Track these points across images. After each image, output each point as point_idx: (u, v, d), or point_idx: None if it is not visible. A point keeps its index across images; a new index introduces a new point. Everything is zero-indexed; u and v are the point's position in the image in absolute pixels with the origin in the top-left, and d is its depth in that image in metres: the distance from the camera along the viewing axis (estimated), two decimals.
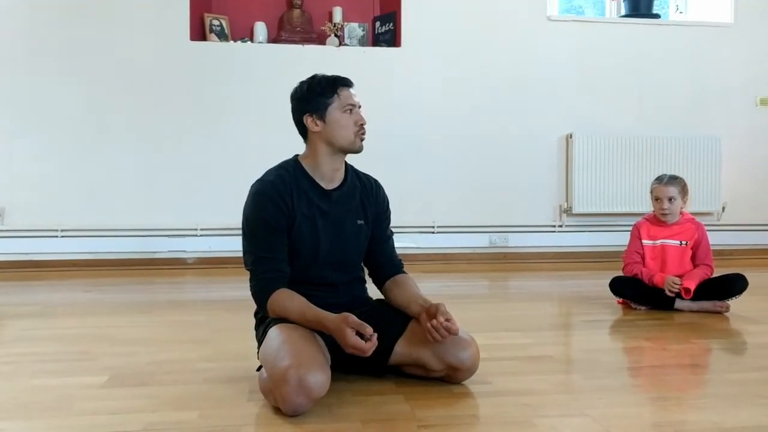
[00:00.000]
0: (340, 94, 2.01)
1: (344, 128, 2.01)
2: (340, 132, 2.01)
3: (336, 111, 2.00)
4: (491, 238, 5.14)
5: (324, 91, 2.01)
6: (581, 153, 5.13)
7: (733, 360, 2.42)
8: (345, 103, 2.01)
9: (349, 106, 2.01)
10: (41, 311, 3.31)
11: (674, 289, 3.15)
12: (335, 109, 2.00)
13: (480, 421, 1.75)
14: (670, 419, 1.77)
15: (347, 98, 2.01)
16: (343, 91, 2.01)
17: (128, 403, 1.88)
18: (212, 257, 4.79)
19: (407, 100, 5.02)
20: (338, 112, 2.01)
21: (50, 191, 4.71)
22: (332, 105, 2.00)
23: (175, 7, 4.78)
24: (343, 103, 2.00)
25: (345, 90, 2.02)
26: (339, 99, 2.00)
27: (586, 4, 6.01)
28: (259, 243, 2.01)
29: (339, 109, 2.01)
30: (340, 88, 2.01)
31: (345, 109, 2.01)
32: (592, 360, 2.40)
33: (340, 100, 2.00)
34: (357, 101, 2.04)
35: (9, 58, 4.66)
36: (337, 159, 2.06)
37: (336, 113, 2.01)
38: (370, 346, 1.81)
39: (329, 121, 2.01)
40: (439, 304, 1.95)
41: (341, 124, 2.01)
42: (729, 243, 5.21)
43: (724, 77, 5.36)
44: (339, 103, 2.00)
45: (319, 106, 2.01)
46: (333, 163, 2.05)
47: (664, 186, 3.26)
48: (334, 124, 2.01)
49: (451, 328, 1.90)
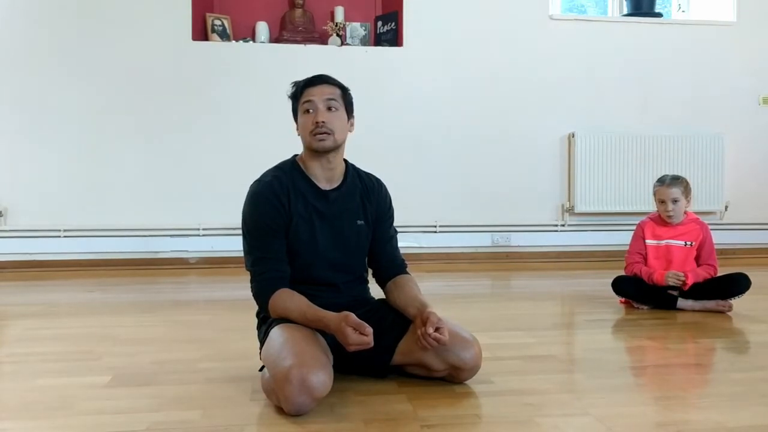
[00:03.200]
0: (303, 95, 2.01)
1: (304, 129, 2.01)
2: (302, 133, 2.03)
3: (301, 113, 2.02)
4: (493, 238, 5.14)
5: (296, 94, 2.04)
6: (583, 152, 5.13)
7: (736, 359, 2.42)
8: (303, 101, 2.01)
9: (306, 105, 2.00)
10: (44, 311, 3.32)
11: (677, 282, 3.14)
12: (301, 111, 2.02)
13: (482, 421, 1.75)
14: (673, 419, 1.76)
15: (305, 97, 2.00)
16: (305, 92, 2.01)
17: (131, 402, 1.88)
18: (215, 257, 4.79)
19: (409, 99, 5.01)
20: (301, 114, 2.02)
21: (53, 191, 4.72)
22: (299, 108, 2.03)
23: (177, 7, 4.78)
24: (302, 104, 2.01)
25: (307, 90, 2.01)
26: (301, 101, 2.01)
27: (589, 3, 6.00)
28: (258, 244, 2.01)
29: (301, 111, 2.02)
30: (307, 88, 2.01)
31: (304, 110, 2.01)
32: (594, 359, 2.39)
33: (301, 101, 2.01)
34: (318, 98, 1.98)
35: (11, 58, 4.67)
36: (321, 159, 2.04)
37: (300, 115, 2.02)
38: (370, 339, 1.81)
39: (299, 124, 2.04)
40: (431, 313, 1.92)
41: (302, 125, 2.02)
42: (732, 242, 5.21)
43: (727, 76, 5.35)
44: (301, 105, 2.02)
45: (295, 110, 2.06)
46: (319, 163, 2.04)
47: (667, 188, 3.24)
48: (300, 126, 2.03)
49: (440, 339, 1.89)
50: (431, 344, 1.90)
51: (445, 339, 1.90)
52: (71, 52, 4.71)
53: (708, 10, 5.54)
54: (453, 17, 5.06)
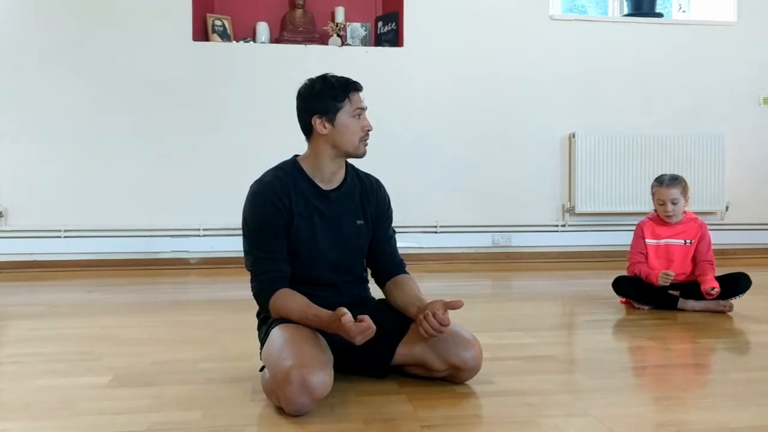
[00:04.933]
0: (351, 98, 2.00)
1: (352, 133, 2.00)
2: (347, 137, 2.00)
3: (346, 115, 1.99)
4: (494, 238, 5.13)
5: (336, 95, 1.99)
6: (584, 152, 5.13)
7: (736, 359, 2.42)
8: (355, 107, 2.00)
9: (359, 110, 2.01)
10: (45, 312, 3.32)
11: (666, 282, 3.14)
12: (345, 113, 1.99)
13: (483, 421, 1.75)
14: (674, 419, 1.76)
15: (357, 102, 2.00)
16: (354, 96, 2.00)
17: (132, 403, 1.88)
18: (215, 257, 4.79)
19: (409, 99, 5.01)
20: (348, 117, 1.99)
21: (53, 192, 4.72)
22: (343, 109, 1.99)
23: (177, 7, 4.78)
24: (354, 108, 1.99)
25: (356, 94, 2.01)
26: (350, 103, 1.99)
27: (589, 4, 6.00)
28: (258, 244, 2.01)
29: (349, 113, 1.99)
30: (352, 93, 2.00)
31: (354, 114, 2.00)
32: (595, 360, 2.39)
33: (351, 105, 1.99)
34: (365, 105, 2.03)
35: (12, 59, 4.67)
36: (338, 161, 2.06)
37: (345, 118, 1.99)
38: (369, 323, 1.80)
39: (338, 125, 1.99)
40: (431, 303, 1.94)
41: (350, 129, 1.99)
42: (732, 242, 5.21)
43: (728, 76, 5.35)
44: (350, 107, 1.99)
45: (329, 109, 1.99)
46: (334, 165, 2.05)
47: (666, 189, 3.24)
48: (343, 129, 1.99)
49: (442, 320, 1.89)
50: (433, 326, 1.89)
51: (448, 320, 1.91)
52: (71, 52, 4.71)
53: (708, 11, 5.54)
54: (453, 17, 5.06)
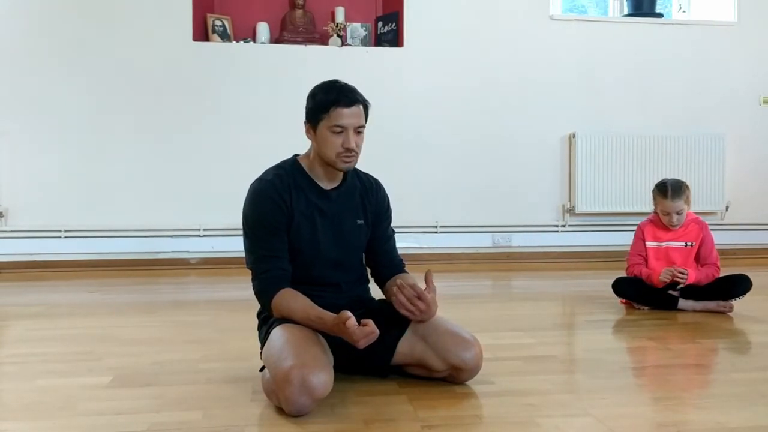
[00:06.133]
0: (332, 113, 1.96)
1: (328, 148, 1.98)
2: (323, 149, 2.00)
3: (325, 129, 1.98)
4: (494, 238, 5.13)
5: (320, 106, 1.98)
6: (584, 152, 5.12)
7: (737, 360, 2.42)
8: (332, 124, 1.96)
9: (337, 128, 1.96)
10: (45, 312, 3.32)
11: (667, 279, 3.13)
12: (324, 126, 1.97)
13: (483, 422, 1.75)
14: (674, 419, 1.76)
15: (336, 119, 1.95)
16: (335, 111, 1.95)
17: (132, 403, 1.88)
18: (215, 257, 4.79)
19: (410, 99, 5.01)
20: (326, 131, 1.97)
21: (53, 192, 4.71)
22: (323, 121, 1.97)
23: (177, 7, 4.78)
24: (331, 124, 1.96)
25: (339, 110, 1.95)
26: (329, 118, 1.96)
27: (589, 4, 6.00)
28: (259, 242, 2.01)
29: (326, 127, 1.97)
30: (334, 108, 1.95)
31: (332, 130, 1.97)
32: (595, 360, 2.39)
33: (329, 120, 1.96)
34: (350, 123, 1.96)
35: (12, 58, 4.67)
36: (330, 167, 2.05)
37: (324, 131, 1.98)
38: (373, 327, 1.81)
39: (318, 135, 2.00)
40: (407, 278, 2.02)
41: (327, 143, 1.98)
42: (733, 242, 5.20)
43: (728, 76, 5.35)
44: (328, 122, 1.97)
45: (313, 118, 2.00)
46: (326, 168, 2.05)
47: (672, 201, 3.18)
48: (321, 141, 1.99)
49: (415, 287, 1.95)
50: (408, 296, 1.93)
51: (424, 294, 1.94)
52: (71, 52, 4.71)
53: (709, 11, 5.54)
54: (453, 17, 5.06)
